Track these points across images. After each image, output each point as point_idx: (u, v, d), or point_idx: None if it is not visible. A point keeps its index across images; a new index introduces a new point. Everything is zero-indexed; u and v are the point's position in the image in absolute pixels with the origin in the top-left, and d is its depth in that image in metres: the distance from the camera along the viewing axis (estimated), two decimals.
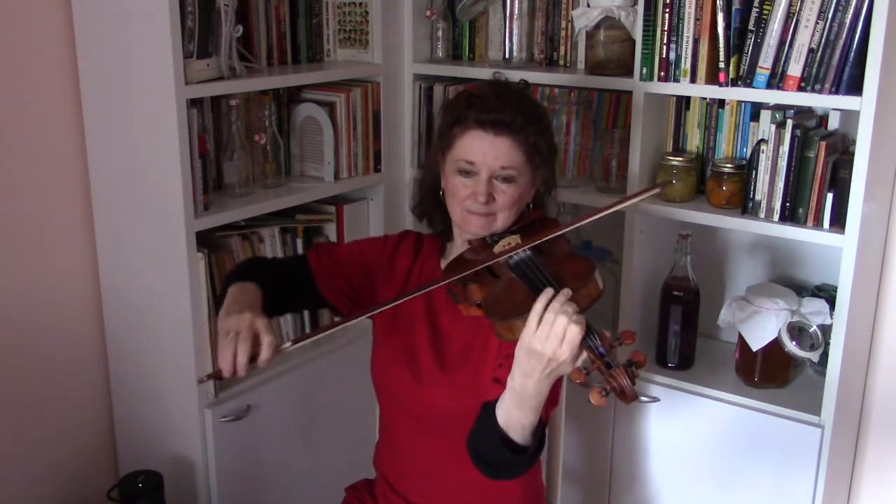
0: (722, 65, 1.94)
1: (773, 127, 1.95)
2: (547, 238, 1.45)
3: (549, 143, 1.58)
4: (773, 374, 2.08)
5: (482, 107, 1.52)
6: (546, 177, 1.62)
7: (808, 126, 1.95)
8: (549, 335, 1.27)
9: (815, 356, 2.01)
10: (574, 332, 1.26)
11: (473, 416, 1.50)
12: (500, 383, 1.44)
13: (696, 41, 1.96)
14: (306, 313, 2.24)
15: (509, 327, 1.35)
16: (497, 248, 1.50)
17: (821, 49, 1.83)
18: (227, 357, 1.34)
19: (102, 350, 2.17)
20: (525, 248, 1.44)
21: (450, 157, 1.56)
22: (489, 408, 1.42)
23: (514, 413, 1.36)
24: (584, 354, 1.28)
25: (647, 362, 1.31)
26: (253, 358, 1.35)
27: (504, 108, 1.51)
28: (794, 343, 2.00)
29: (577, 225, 1.50)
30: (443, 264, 1.64)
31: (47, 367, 2.08)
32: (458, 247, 1.62)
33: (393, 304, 1.46)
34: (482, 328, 1.53)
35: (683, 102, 2.15)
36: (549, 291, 1.31)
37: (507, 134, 1.50)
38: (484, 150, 1.51)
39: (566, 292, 1.30)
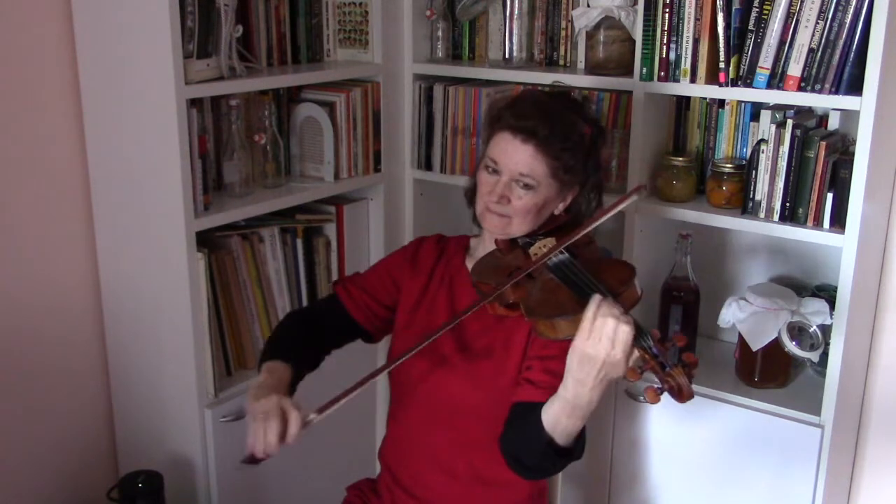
0: (722, 65, 1.94)
1: (773, 127, 1.95)
2: (580, 234, 1.47)
3: (580, 162, 1.58)
4: (773, 374, 2.08)
5: (517, 112, 1.56)
6: (585, 196, 1.65)
7: (808, 126, 1.95)
8: (602, 338, 1.28)
9: (815, 356, 2.01)
10: (624, 332, 1.27)
11: (487, 410, 1.53)
12: (533, 384, 1.46)
13: (696, 41, 1.96)
14: None
15: (552, 325, 1.36)
16: (532, 250, 1.52)
17: (821, 49, 1.83)
18: (259, 438, 1.39)
19: (102, 350, 2.17)
20: (561, 247, 1.46)
21: (484, 153, 1.60)
22: (526, 412, 1.43)
23: (563, 421, 1.38)
24: (637, 354, 1.30)
25: (698, 363, 1.33)
26: (283, 436, 1.40)
27: (537, 117, 1.54)
28: (794, 343, 2.00)
29: (604, 218, 1.50)
30: (468, 262, 1.66)
31: (47, 367, 2.08)
32: (486, 242, 1.64)
33: (440, 333, 1.48)
34: (505, 326, 1.55)
35: (683, 102, 2.15)
36: (597, 297, 1.31)
37: (533, 143, 1.53)
38: (509, 153, 1.54)
39: (609, 298, 1.31)
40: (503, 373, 1.54)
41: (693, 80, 1.98)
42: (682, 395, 1.28)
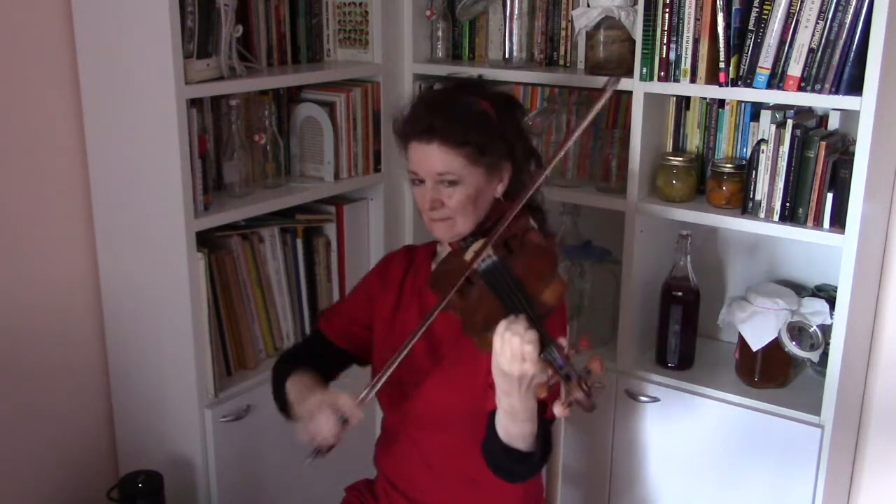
0: (722, 65, 1.94)
1: (773, 127, 1.95)
2: (502, 232, 1.44)
3: (493, 138, 1.55)
4: (773, 374, 2.08)
5: (412, 118, 1.54)
6: (521, 168, 1.61)
7: (808, 126, 1.95)
8: (511, 355, 1.30)
9: (815, 356, 2.01)
10: (528, 350, 1.29)
11: (469, 412, 1.53)
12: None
13: (696, 41, 1.96)
14: None
15: (484, 341, 1.37)
16: (468, 256, 1.49)
17: (821, 49, 1.83)
18: (317, 430, 1.45)
19: (102, 350, 2.17)
20: (485, 250, 1.44)
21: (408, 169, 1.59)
22: (493, 419, 1.44)
23: (512, 428, 1.40)
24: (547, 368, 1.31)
25: (604, 369, 1.32)
26: (344, 421, 1.44)
27: (429, 114, 1.52)
28: (794, 343, 2.00)
29: (529, 193, 1.47)
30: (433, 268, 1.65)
31: (47, 367, 2.08)
32: (447, 248, 1.63)
33: (410, 344, 1.48)
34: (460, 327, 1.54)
35: (683, 102, 2.15)
36: (510, 318, 1.32)
37: (436, 139, 1.50)
38: (421, 159, 1.53)
39: (520, 317, 1.32)
40: (477, 374, 1.54)
41: (693, 80, 1.98)
42: (584, 408, 1.28)
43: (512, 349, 1.30)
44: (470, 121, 1.53)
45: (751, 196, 1.99)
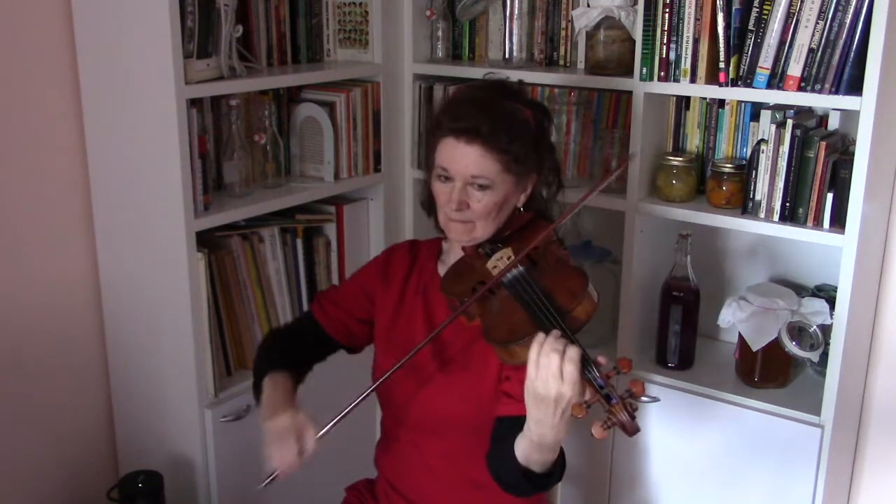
0: (722, 65, 1.94)
1: (773, 127, 1.95)
2: (536, 245, 1.43)
3: (531, 148, 1.54)
4: (773, 374, 2.08)
5: (454, 115, 1.51)
6: (544, 180, 1.61)
7: (808, 126, 1.95)
8: (548, 377, 1.26)
9: (815, 356, 2.01)
10: (570, 369, 1.25)
11: (473, 420, 1.52)
12: (511, 397, 1.44)
13: (696, 41, 1.96)
14: None
15: (509, 353, 1.34)
16: (490, 263, 1.48)
17: (821, 49, 1.83)
18: (277, 458, 1.48)
19: (102, 350, 2.17)
20: (517, 262, 1.42)
21: (434, 163, 1.56)
22: (506, 432, 1.42)
23: (535, 456, 1.37)
24: (586, 388, 1.27)
25: (645, 390, 1.30)
26: (300, 451, 1.47)
27: (475, 115, 1.49)
28: (794, 343, 2.00)
29: (562, 220, 1.47)
30: (440, 268, 1.64)
31: (47, 367, 2.08)
32: (454, 248, 1.62)
33: (420, 349, 1.47)
34: (482, 335, 1.53)
35: (683, 102, 2.15)
36: (540, 336, 1.29)
37: (478, 143, 1.48)
38: (456, 158, 1.50)
39: (555, 332, 1.29)
40: (483, 381, 1.53)
41: (693, 80, 1.98)
42: (626, 432, 1.24)
43: (551, 369, 1.25)
44: (514, 129, 1.51)
45: (751, 196, 1.99)
